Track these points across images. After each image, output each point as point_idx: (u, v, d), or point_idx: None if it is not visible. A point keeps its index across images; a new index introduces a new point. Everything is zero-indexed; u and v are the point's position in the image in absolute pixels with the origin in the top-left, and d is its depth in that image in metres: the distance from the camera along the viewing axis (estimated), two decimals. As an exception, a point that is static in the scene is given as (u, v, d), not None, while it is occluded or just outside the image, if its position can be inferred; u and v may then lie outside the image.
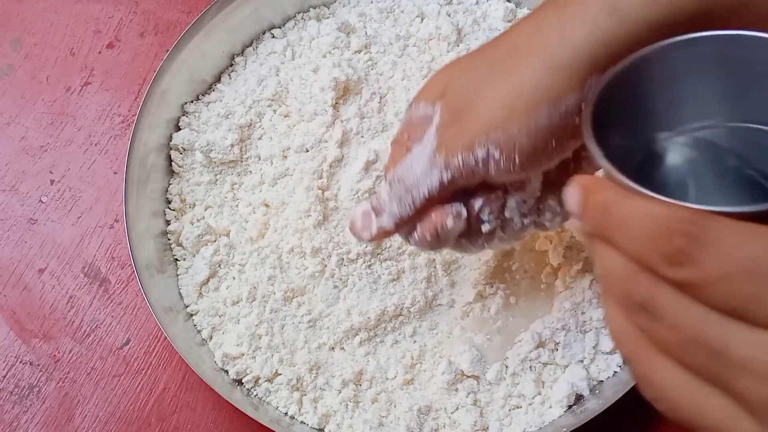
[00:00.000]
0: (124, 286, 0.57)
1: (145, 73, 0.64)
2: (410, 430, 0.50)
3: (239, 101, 0.57)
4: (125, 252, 0.58)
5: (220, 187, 0.56)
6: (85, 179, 0.61)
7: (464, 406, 0.51)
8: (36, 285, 0.57)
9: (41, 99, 0.63)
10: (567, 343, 0.53)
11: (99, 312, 0.57)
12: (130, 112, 0.62)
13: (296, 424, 0.50)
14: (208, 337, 0.53)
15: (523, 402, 0.52)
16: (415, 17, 0.60)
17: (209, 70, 0.59)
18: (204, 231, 0.54)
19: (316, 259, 0.53)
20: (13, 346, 0.56)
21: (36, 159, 0.61)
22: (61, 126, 0.62)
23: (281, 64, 0.58)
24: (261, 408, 0.50)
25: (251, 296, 0.52)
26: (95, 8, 0.66)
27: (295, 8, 0.61)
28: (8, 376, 0.55)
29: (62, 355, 0.56)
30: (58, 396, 0.55)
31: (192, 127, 0.57)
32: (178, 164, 0.56)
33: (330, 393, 0.51)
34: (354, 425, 0.50)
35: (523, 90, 0.40)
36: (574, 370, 0.52)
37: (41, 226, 0.59)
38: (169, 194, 0.56)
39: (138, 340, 0.56)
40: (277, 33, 0.61)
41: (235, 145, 0.55)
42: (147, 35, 0.65)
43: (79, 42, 0.65)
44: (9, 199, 0.60)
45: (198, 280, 0.53)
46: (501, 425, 0.51)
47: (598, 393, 0.52)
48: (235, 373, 0.51)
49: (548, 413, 0.51)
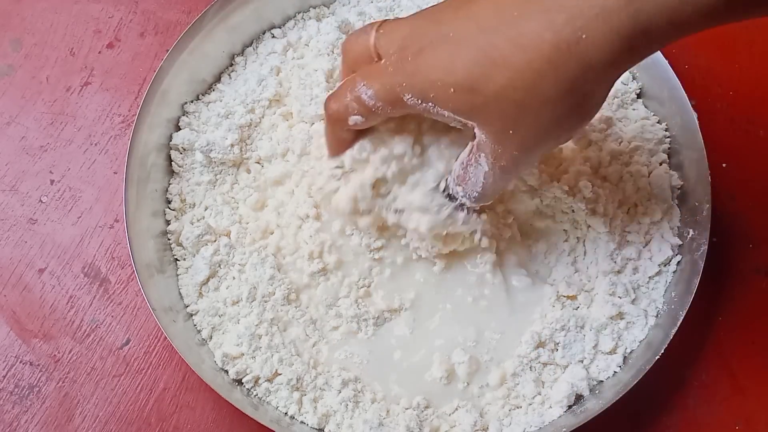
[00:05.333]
0: (124, 286, 0.57)
1: (145, 73, 0.64)
2: (410, 429, 0.50)
3: (239, 101, 0.57)
4: (125, 252, 0.58)
5: (220, 187, 0.56)
6: (85, 179, 0.61)
7: (463, 407, 0.51)
8: (36, 285, 0.57)
9: (41, 99, 0.63)
10: (567, 343, 0.53)
11: (99, 312, 0.57)
12: (130, 112, 0.62)
13: (296, 423, 0.50)
14: (207, 337, 0.52)
15: (523, 402, 0.52)
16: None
17: (209, 70, 0.59)
18: (204, 231, 0.54)
19: (315, 259, 0.53)
20: (13, 346, 0.56)
21: (36, 159, 0.61)
22: (61, 126, 0.62)
23: (281, 63, 0.58)
24: (261, 408, 0.50)
25: (251, 296, 0.52)
26: (95, 8, 0.66)
27: (295, 8, 0.61)
28: (8, 376, 0.55)
29: (62, 355, 0.56)
30: (58, 396, 0.55)
31: (192, 127, 0.57)
32: (178, 164, 0.56)
33: (330, 393, 0.51)
34: (354, 425, 0.50)
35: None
36: (574, 370, 0.52)
37: (41, 226, 0.59)
38: (169, 194, 0.56)
39: (138, 340, 0.56)
40: (277, 33, 0.61)
41: (235, 145, 0.55)
42: (147, 35, 0.65)
43: (79, 42, 0.65)
44: (9, 199, 0.60)
45: (198, 280, 0.53)
46: (501, 425, 0.51)
47: (598, 393, 0.52)
48: (235, 373, 0.51)
49: (548, 413, 0.51)
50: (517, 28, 0.38)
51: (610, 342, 0.53)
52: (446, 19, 0.42)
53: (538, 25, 0.38)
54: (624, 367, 0.53)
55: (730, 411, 0.56)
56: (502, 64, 0.39)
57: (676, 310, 0.52)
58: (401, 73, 0.42)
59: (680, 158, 0.57)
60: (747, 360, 0.57)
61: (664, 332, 0.52)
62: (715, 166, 0.57)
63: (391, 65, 0.43)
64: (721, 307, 0.58)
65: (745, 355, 0.57)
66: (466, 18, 0.41)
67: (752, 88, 0.64)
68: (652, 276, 0.55)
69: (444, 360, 0.52)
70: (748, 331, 0.58)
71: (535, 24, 0.38)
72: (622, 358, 0.53)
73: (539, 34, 0.38)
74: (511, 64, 0.38)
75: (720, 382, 0.57)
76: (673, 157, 0.58)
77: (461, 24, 0.40)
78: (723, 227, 0.59)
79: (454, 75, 0.40)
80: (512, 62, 0.38)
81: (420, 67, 0.41)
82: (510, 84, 0.39)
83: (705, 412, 0.56)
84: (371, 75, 0.44)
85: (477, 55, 0.39)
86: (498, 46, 0.39)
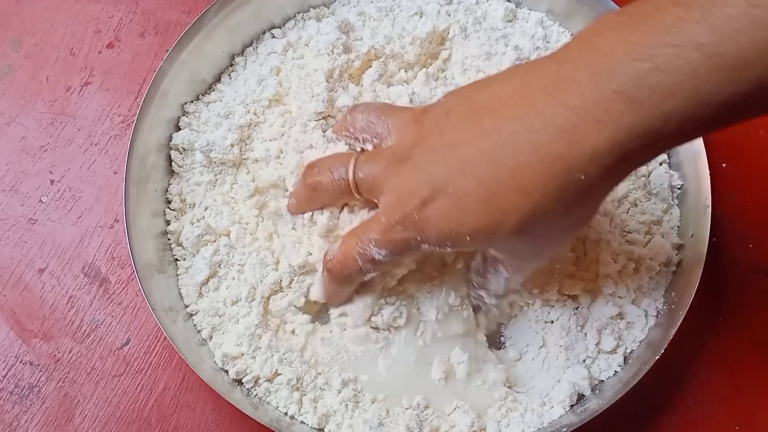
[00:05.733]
0: (124, 286, 0.57)
1: (145, 73, 0.64)
2: (410, 429, 0.50)
3: (239, 101, 0.57)
4: (125, 252, 0.58)
5: (220, 187, 0.56)
6: (85, 179, 0.61)
7: (461, 407, 0.51)
8: (36, 285, 0.57)
9: (41, 99, 0.63)
10: (568, 343, 0.53)
11: (99, 312, 0.57)
12: (130, 112, 0.62)
13: (296, 423, 0.50)
14: (207, 337, 0.52)
15: (524, 402, 0.52)
16: (413, 14, 0.60)
17: (209, 70, 0.59)
18: (204, 231, 0.54)
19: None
20: (13, 346, 0.56)
21: (36, 159, 0.61)
22: (61, 126, 0.62)
23: (281, 64, 0.58)
24: (261, 408, 0.50)
25: (251, 296, 0.52)
26: (95, 8, 0.66)
27: (295, 8, 0.61)
28: (8, 376, 0.55)
29: (62, 355, 0.56)
30: (58, 396, 0.55)
31: (192, 127, 0.57)
32: (178, 164, 0.56)
33: (330, 393, 0.51)
34: (354, 425, 0.50)
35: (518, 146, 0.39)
36: (575, 369, 0.52)
37: (41, 226, 0.59)
38: (169, 194, 0.56)
39: (138, 340, 0.56)
40: (277, 33, 0.61)
41: (235, 145, 0.55)
42: (147, 35, 0.65)
43: (79, 42, 0.65)
44: (9, 199, 0.60)
45: (198, 280, 0.53)
46: (499, 426, 0.51)
47: (599, 393, 0.52)
48: (234, 373, 0.51)
49: (549, 413, 0.51)
50: (516, 178, 0.39)
51: (612, 341, 0.53)
52: (434, 169, 0.42)
53: (538, 173, 0.38)
54: (624, 367, 0.53)
55: (729, 411, 0.56)
56: (510, 211, 0.39)
57: (676, 310, 0.52)
58: (413, 230, 0.43)
59: (680, 158, 0.57)
60: (747, 360, 0.57)
61: (664, 332, 0.52)
62: (715, 166, 0.57)
63: (397, 223, 0.43)
64: (721, 307, 0.58)
65: (745, 355, 0.57)
66: (458, 169, 0.40)
67: (752, 88, 0.64)
68: (653, 276, 0.55)
69: (443, 360, 0.52)
70: (748, 331, 0.58)
71: (535, 173, 0.38)
72: (623, 357, 0.53)
73: (542, 180, 0.38)
74: (519, 209, 0.39)
75: (720, 382, 0.57)
76: (672, 156, 0.58)
77: (457, 175, 0.40)
78: (723, 227, 0.59)
79: (466, 225, 0.41)
80: (520, 208, 0.39)
81: (430, 223, 0.42)
82: (524, 226, 0.40)
83: (705, 412, 0.56)
84: (378, 234, 0.44)
85: (483, 206, 0.40)
86: (502, 196, 0.39)
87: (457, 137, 0.41)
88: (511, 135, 0.39)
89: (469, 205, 0.40)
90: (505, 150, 0.39)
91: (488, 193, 0.39)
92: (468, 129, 0.41)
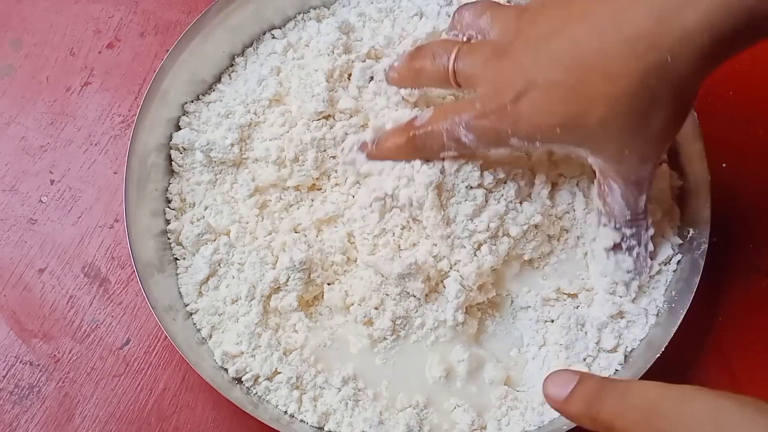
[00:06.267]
0: (124, 286, 0.57)
1: (145, 73, 0.64)
2: (410, 428, 0.50)
3: (239, 101, 0.57)
4: (125, 252, 0.58)
5: (219, 187, 0.56)
6: (85, 179, 0.61)
7: (461, 406, 0.51)
8: (36, 285, 0.57)
9: (41, 99, 0.63)
10: (568, 341, 0.53)
11: (99, 312, 0.57)
12: (130, 112, 0.63)
13: (296, 422, 0.50)
14: (207, 336, 0.52)
15: (524, 400, 0.52)
16: (414, 15, 0.60)
17: (209, 70, 0.59)
18: (204, 230, 0.54)
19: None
20: (13, 346, 0.56)
21: (36, 159, 0.61)
22: (61, 126, 0.62)
23: (281, 64, 0.58)
24: (261, 406, 0.50)
25: (250, 295, 0.52)
26: (95, 8, 0.66)
27: (295, 9, 0.61)
28: (8, 376, 0.55)
29: (62, 355, 0.56)
30: (58, 396, 0.55)
31: (192, 126, 0.57)
32: (178, 164, 0.56)
33: (330, 391, 0.51)
34: (354, 423, 0.50)
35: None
36: (575, 368, 0.52)
37: (41, 226, 0.59)
38: (169, 194, 0.56)
39: (138, 340, 0.56)
40: (278, 33, 0.61)
41: (235, 144, 0.55)
42: (147, 35, 0.65)
43: (79, 42, 0.65)
44: (9, 199, 0.60)
45: (198, 279, 0.53)
46: (500, 424, 0.51)
47: (598, 392, 0.52)
48: (234, 372, 0.51)
49: (550, 412, 0.51)
50: (601, 62, 0.39)
51: (612, 340, 0.53)
52: (527, 61, 0.42)
53: (622, 55, 0.38)
54: (624, 366, 0.53)
55: (730, 411, 0.56)
56: (597, 98, 0.39)
57: (677, 309, 0.52)
58: (505, 121, 0.43)
59: (680, 158, 0.57)
60: (747, 360, 0.57)
61: (664, 331, 0.52)
62: (715, 166, 0.57)
63: (491, 113, 0.44)
64: (721, 307, 0.58)
65: (745, 355, 0.57)
66: (548, 60, 0.41)
67: (752, 88, 0.64)
68: (653, 275, 0.55)
69: (443, 358, 0.52)
70: (748, 331, 0.58)
71: (620, 55, 0.38)
72: (623, 356, 0.53)
73: (626, 62, 0.38)
74: (605, 96, 0.39)
75: (720, 382, 0.56)
76: (673, 157, 0.58)
77: (546, 66, 0.41)
78: (723, 227, 0.59)
79: (556, 116, 0.41)
80: (606, 94, 0.39)
81: (522, 114, 0.42)
82: (610, 113, 0.40)
83: (705, 411, 0.56)
84: (471, 118, 0.45)
85: (571, 94, 0.40)
86: (588, 82, 0.39)
87: (549, 26, 0.41)
88: (597, 17, 0.38)
89: (558, 95, 0.40)
90: (592, 33, 0.39)
91: (575, 80, 0.39)
92: (559, 16, 0.41)
